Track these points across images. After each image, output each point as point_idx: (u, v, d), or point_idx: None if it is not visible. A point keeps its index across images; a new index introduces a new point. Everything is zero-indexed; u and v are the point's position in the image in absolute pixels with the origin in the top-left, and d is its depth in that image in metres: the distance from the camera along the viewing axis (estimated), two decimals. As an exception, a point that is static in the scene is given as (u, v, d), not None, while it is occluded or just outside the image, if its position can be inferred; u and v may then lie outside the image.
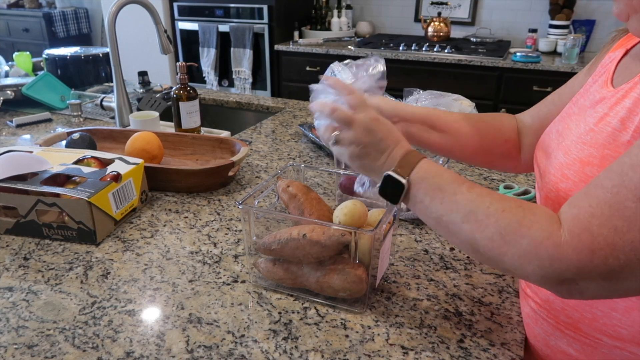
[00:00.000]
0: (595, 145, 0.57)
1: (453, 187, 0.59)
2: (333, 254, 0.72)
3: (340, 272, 0.71)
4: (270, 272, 0.77)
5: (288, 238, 0.71)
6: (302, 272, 0.74)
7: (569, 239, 0.49)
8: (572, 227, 0.49)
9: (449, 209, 0.58)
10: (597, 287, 0.49)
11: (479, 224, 0.55)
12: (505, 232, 0.53)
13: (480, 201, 0.56)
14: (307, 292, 0.77)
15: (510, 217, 0.53)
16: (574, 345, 0.66)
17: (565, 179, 0.60)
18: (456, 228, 0.57)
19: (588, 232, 0.48)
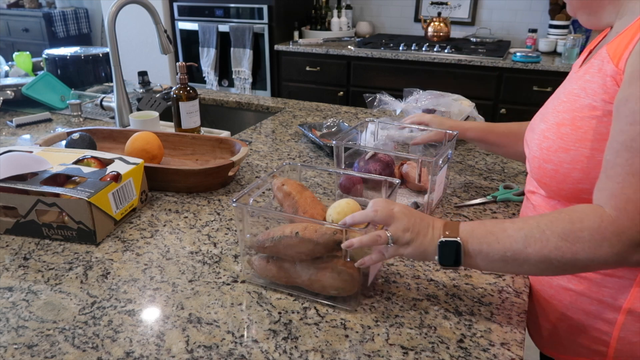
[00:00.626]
0: (567, 111, 0.72)
1: (498, 226, 0.65)
2: (325, 252, 0.72)
3: (333, 270, 0.72)
4: (264, 270, 0.78)
5: (281, 236, 0.72)
6: (294, 270, 0.75)
7: (617, 213, 0.58)
8: (614, 204, 0.58)
9: (508, 244, 0.63)
10: None
11: (540, 242, 0.61)
12: (566, 235, 0.60)
13: (528, 225, 0.63)
14: (300, 290, 0.77)
15: (560, 223, 0.61)
16: (573, 281, 0.77)
17: (546, 139, 0.74)
18: (523, 256, 0.63)
19: (630, 202, 0.57)
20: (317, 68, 3.24)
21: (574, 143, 0.70)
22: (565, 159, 0.71)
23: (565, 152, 0.70)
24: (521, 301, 0.77)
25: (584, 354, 0.79)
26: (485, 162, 1.32)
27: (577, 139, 0.69)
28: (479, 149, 1.42)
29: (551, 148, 0.73)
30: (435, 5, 3.41)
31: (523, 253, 0.62)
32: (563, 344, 0.83)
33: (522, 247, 0.62)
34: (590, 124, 0.68)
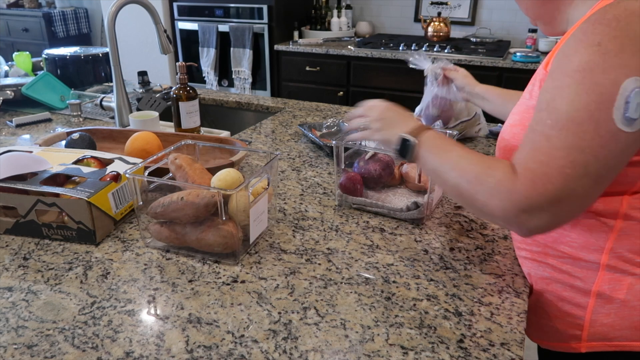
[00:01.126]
0: (517, 112, 0.78)
1: (449, 146, 0.75)
2: (207, 214, 0.83)
3: (214, 229, 0.83)
4: (159, 234, 0.88)
5: (170, 201, 0.83)
6: (185, 232, 0.86)
7: (517, 177, 0.63)
8: (519, 168, 0.64)
9: (443, 161, 0.74)
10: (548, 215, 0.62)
11: (462, 170, 0.70)
12: (478, 174, 0.68)
13: (466, 156, 0.72)
14: (191, 250, 0.88)
15: (482, 163, 0.69)
16: (547, 269, 0.81)
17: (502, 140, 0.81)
18: (446, 176, 0.72)
19: (528, 170, 0.63)
20: (317, 68, 3.24)
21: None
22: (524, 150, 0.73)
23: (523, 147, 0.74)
24: (521, 301, 0.77)
25: (562, 338, 0.82)
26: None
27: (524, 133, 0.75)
28: (479, 149, 1.42)
29: (506, 148, 0.79)
30: (435, 5, 3.41)
31: (447, 174, 0.72)
32: (544, 330, 0.86)
33: (449, 168, 0.72)
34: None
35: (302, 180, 1.20)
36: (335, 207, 1.07)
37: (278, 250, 0.90)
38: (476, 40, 3.22)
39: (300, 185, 1.17)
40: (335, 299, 0.76)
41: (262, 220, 0.91)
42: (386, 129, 0.84)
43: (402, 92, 3.05)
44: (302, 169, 1.27)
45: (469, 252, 0.90)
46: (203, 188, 0.83)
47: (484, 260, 0.88)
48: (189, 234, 0.85)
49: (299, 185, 1.17)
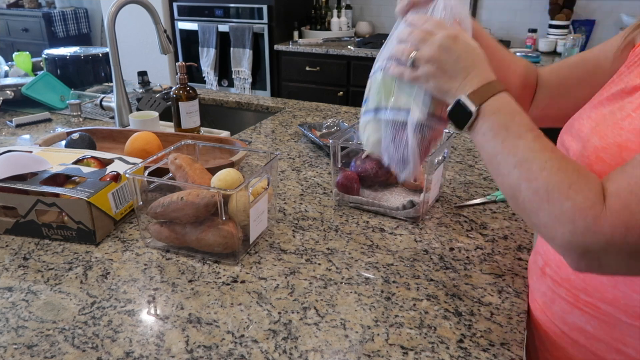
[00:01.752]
0: (634, 131, 0.56)
1: (520, 130, 0.58)
2: (207, 214, 0.83)
3: (214, 228, 0.83)
4: (159, 234, 0.88)
5: (170, 201, 0.83)
6: (185, 232, 0.86)
7: (608, 213, 0.49)
8: (612, 202, 0.50)
9: (507, 151, 0.57)
10: (620, 264, 0.50)
11: (530, 173, 0.55)
12: (552, 190, 0.53)
13: (540, 153, 0.55)
14: (191, 250, 0.88)
15: (563, 177, 0.53)
16: (591, 322, 0.67)
17: (600, 162, 0.59)
18: (506, 170, 0.57)
19: (627, 209, 0.48)
20: (317, 68, 3.24)
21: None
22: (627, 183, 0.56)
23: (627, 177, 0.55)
24: (521, 301, 0.77)
25: None
26: (485, 162, 1.32)
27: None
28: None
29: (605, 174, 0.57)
30: (435, 5, 3.41)
31: (508, 168, 0.57)
32: None
33: (513, 164, 0.56)
34: None
35: (302, 180, 1.20)
36: (335, 207, 1.07)
37: (278, 250, 0.90)
38: (476, 40, 3.22)
39: (300, 185, 1.17)
40: (335, 299, 0.76)
41: (262, 220, 0.91)
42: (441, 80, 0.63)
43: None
44: (302, 169, 1.27)
45: (468, 252, 0.90)
46: (203, 188, 0.83)
47: (484, 260, 0.88)
48: (189, 234, 0.85)
49: (299, 185, 1.17)
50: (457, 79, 0.62)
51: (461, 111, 0.61)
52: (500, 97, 0.60)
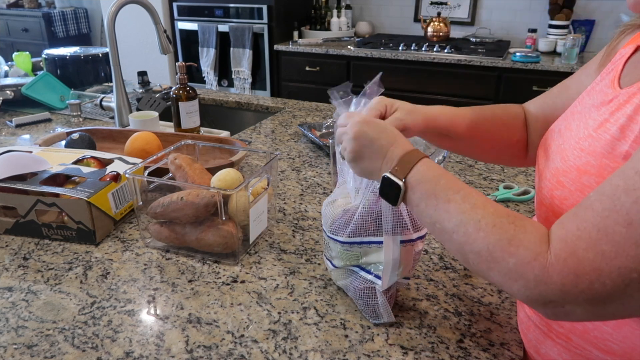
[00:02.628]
0: (593, 154, 0.54)
1: (448, 194, 0.57)
2: (206, 213, 0.83)
3: (214, 229, 0.83)
4: (159, 234, 0.88)
5: (169, 201, 0.83)
6: (184, 232, 0.86)
7: (554, 262, 0.47)
8: (559, 250, 0.48)
9: (442, 218, 0.57)
10: (583, 311, 0.48)
11: (468, 236, 0.54)
12: (494, 249, 0.51)
13: (472, 213, 0.55)
14: (191, 249, 0.88)
15: (500, 233, 0.52)
16: (564, 355, 0.64)
17: (560, 187, 0.58)
18: (447, 237, 0.56)
19: (574, 256, 0.46)
20: (316, 68, 3.24)
21: None
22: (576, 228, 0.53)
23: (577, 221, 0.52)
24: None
25: None
26: (485, 163, 1.32)
27: None
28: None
29: (566, 201, 0.57)
30: (434, 5, 3.41)
31: (448, 234, 0.56)
32: None
33: (451, 229, 0.55)
34: None
35: (302, 180, 1.20)
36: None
37: (278, 250, 0.90)
38: (476, 40, 3.22)
39: (300, 185, 1.17)
40: (335, 299, 0.76)
41: (261, 220, 0.91)
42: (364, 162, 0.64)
43: (402, 93, 3.05)
44: (301, 169, 1.27)
45: (468, 252, 0.90)
46: (203, 188, 0.83)
47: (484, 260, 0.87)
48: (189, 234, 0.85)
49: (299, 185, 1.17)
50: (378, 158, 0.63)
51: (389, 188, 0.61)
52: (422, 164, 0.60)
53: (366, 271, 0.71)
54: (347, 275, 0.74)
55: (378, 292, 0.70)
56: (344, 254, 0.71)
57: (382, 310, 0.70)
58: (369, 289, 0.71)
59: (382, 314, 0.71)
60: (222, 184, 0.86)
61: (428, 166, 0.60)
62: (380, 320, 0.71)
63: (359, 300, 0.73)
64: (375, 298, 0.70)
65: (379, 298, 0.70)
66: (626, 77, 0.60)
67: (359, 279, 0.72)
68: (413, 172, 0.60)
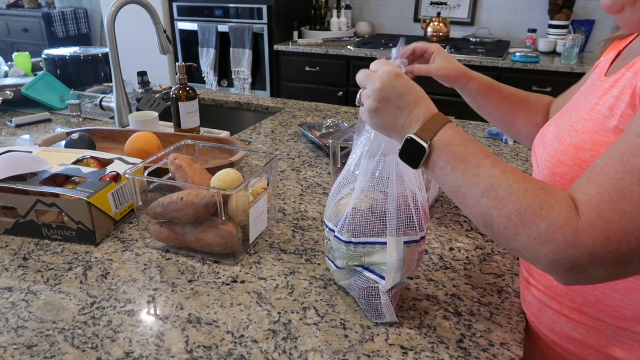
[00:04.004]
0: (587, 132, 0.59)
1: (477, 159, 0.57)
2: (206, 213, 0.83)
3: (214, 228, 0.83)
4: (159, 234, 0.88)
5: (169, 201, 0.83)
6: (184, 232, 0.86)
7: (585, 225, 0.49)
8: (587, 213, 0.49)
9: (470, 181, 0.56)
10: (605, 273, 0.50)
11: (499, 200, 0.54)
12: (525, 213, 0.52)
13: (503, 178, 0.55)
14: (191, 250, 0.88)
15: (532, 198, 0.52)
16: (579, 330, 0.67)
17: (560, 164, 0.62)
18: (473, 201, 0.56)
19: (602, 218, 0.48)
20: (316, 68, 3.24)
21: None
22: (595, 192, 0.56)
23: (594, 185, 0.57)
24: (520, 301, 0.77)
25: None
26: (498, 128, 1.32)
27: None
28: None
29: (566, 176, 0.61)
30: (434, 5, 3.42)
31: (475, 199, 0.55)
32: None
33: (479, 193, 0.55)
34: None
35: (302, 180, 1.20)
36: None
37: (278, 250, 0.90)
38: (475, 40, 3.22)
39: (299, 185, 1.17)
40: (335, 299, 0.77)
41: (261, 220, 0.91)
42: (386, 115, 0.62)
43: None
44: (301, 169, 1.27)
45: (468, 252, 0.90)
46: (203, 188, 0.83)
47: (484, 260, 0.88)
48: (189, 234, 0.85)
49: (299, 185, 1.18)
50: (403, 114, 0.61)
51: (413, 149, 0.59)
52: (448, 128, 0.60)
53: (370, 271, 0.71)
54: (349, 275, 0.74)
55: (381, 291, 0.70)
56: (348, 254, 0.71)
57: (385, 309, 0.70)
58: (372, 288, 0.71)
59: (384, 313, 0.70)
60: (222, 184, 0.86)
61: (455, 130, 0.59)
62: (382, 320, 0.71)
63: (362, 300, 0.73)
64: (378, 297, 0.70)
65: (381, 297, 0.70)
66: (612, 71, 0.66)
67: (361, 278, 0.72)
68: (439, 134, 0.59)
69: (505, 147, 1.43)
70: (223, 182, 0.87)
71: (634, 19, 0.58)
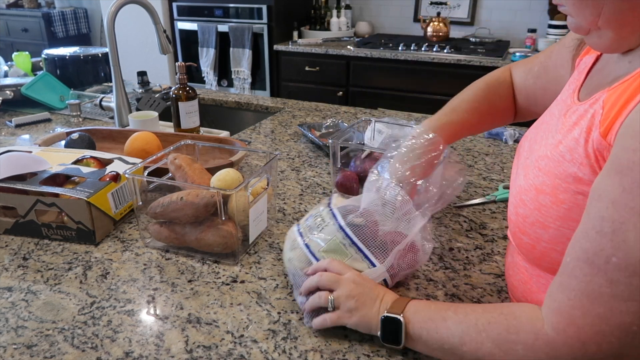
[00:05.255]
0: (548, 173, 0.58)
1: (441, 314, 0.61)
2: (206, 213, 0.83)
3: (214, 229, 0.83)
4: (159, 234, 0.88)
5: (169, 201, 0.83)
6: (184, 232, 0.86)
7: (555, 335, 0.49)
8: (556, 322, 0.50)
9: (445, 337, 0.59)
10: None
11: (475, 343, 0.56)
12: (500, 344, 0.54)
13: (468, 320, 0.58)
14: (191, 250, 0.88)
15: (497, 327, 0.55)
16: None
17: (522, 205, 0.62)
18: (459, 353, 0.58)
19: (573, 325, 0.48)
20: (316, 68, 3.24)
21: (555, 220, 0.56)
22: (543, 236, 0.58)
23: (543, 229, 0.58)
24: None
25: None
26: (484, 162, 1.32)
27: (559, 215, 0.56)
28: (478, 149, 1.42)
29: (528, 219, 0.60)
30: (434, 5, 3.41)
31: (459, 350, 0.58)
32: None
33: (458, 343, 0.58)
34: (576, 200, 0.54)
35: (302, 180, 1.20)
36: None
37: (277, 250, 0.90)
38: (475, 40, 3.22)
39: (299, 185, 1.17)
40: (335, 299, 0.76)
41: (261, 220, 0.91)
42: (364, 309, 0.66)
43: (402, 92, 3.05)
44: (301, 169, 1.27)
45: (468, 252, 0.90)
46: (202, 188, 0.83)
47: (484, 260, 0.88)
48: (189, 234, 0.85)
49: (299, 185, 1.18)
50: (375, 304, 0.66)
51: (391, 326, 0.63)
52: (411, 303, 0.64)
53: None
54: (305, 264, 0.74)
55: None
56: (333, 243, 0.72)
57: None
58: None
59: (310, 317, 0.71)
60: (222, 184, 0.86)
61: (418, 301, 0.65)
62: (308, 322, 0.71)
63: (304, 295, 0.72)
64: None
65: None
66: (585, 90, 0.62)
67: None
68: (407, 307, 0.64)
69: (505, 147, 1.43)
70: (223, 182, 0.86)
71: (601, 43, 0.56)
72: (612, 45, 0.55)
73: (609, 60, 0.61)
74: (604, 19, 0.53)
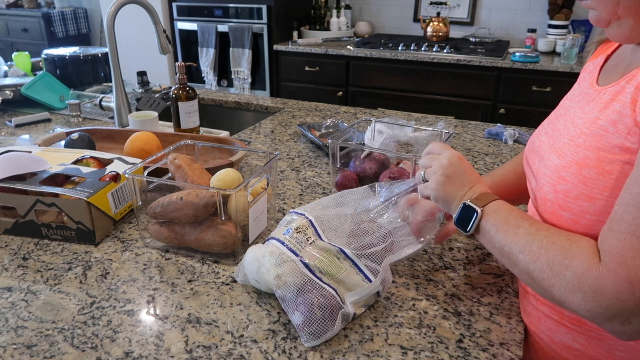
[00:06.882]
0: (590, 148, 0.60)
1: (518, 221, 0.63)
2: (207, 214, 0.83)
3: (214, 228, 0.83)
4: (159, 234, 0.88)
5: (169, 201, 0.83)
6: (184, 232, 0.86)
7: (605, 272, 0.51)
8: (608, 261, 0.51)
9: (510, 240, 0.62)
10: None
11: (532, 254, 0.58)
12: (553, 263, 0.56)
13: (536, 234, 0.60)
14: (191, 250, 0.88)
15: (557, 249, 0.56)
16: (579, 340, 0.68)
17: (562, 181, 0.63)
18: (514, 258, 0.61)
19: (624, 265, 0.50)
20: (316, 68, 3.24)
21: (601, 191, 0.58)
22: (589, 208, 0.59)
23: (589, 201, 0.59)
24: (520, 310, 0.77)
25: None
26: (484, 162, 1.32)
27: (605, 186, 0.57)
28: (478, 149, 1.42)
29: (570, 194, 0.61)
30: (434, 5, 3.41)
31: (515, 256, 0.61)
32: None
33: (517, 250, 0.60)
34: (623, 170, 0.56)
35: (302, 180, 1.20)
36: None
37: (277, 250, 0.89)
38: (475, 40, 3.22)
39: (299, 185, 1.17)
40: (335, 299, 0.76)
41: (261, 220, 0.91)
42: (446, 187, 0.70)
43: (402, 92, 3.05)
44: (301, 169, 1.27)
45: (468, 252, 0.90)
46: (202, 188, 0.83)
47: (483, 260, 0.88)
48: (188, 234, 0.85)
49: (298, 185, 1.18)
50: (464, 188, 0.70)
51: (467, 214, 0.67)
52: (498, 201, 0.67)
53: (331, 287, 0.70)
54: (300, 282, 0.69)
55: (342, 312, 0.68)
56: (328, 257, 0.72)
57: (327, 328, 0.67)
58: (329, 305, 0.67)
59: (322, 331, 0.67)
60: (222, 184, 0.86)
61: (503, 203, 0.67)
62: (319, 340, 0.67)
63: (308, 313, 0.67)
64: (334, 316, 0.67)
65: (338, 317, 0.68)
66: (603, 79, 0.66)
67: (316, 289, 0.68)
68: (490, 204, 0.66)
69: (505, 147, 1.43)
70: (223, 182, 0.86)
71: (621, 32, 0.60)
72: (631, 34, 0.59)
73: (624, 53, 0.65)
74: (623, 7, 0.57)
